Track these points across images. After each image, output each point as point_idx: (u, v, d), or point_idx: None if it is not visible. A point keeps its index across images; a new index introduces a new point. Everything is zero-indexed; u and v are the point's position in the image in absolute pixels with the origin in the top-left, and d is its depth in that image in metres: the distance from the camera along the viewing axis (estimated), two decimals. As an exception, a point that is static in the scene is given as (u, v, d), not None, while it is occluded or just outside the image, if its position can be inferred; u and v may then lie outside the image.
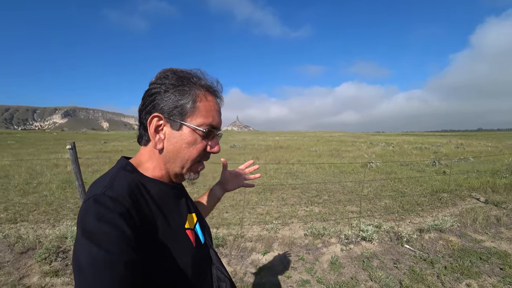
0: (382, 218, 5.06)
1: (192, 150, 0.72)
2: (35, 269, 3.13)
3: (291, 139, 35.04)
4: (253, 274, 3.20)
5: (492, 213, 5.14)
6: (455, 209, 5.53)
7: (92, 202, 0.59)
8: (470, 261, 3.43)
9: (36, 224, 4.54)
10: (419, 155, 15.51)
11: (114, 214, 0.57)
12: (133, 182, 0.68)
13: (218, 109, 0.77)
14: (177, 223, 0.76)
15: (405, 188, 7.33)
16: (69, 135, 43.78)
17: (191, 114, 0.71)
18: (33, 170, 9.53)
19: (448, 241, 3.97)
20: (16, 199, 5.98)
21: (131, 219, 0.60)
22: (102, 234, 0.54)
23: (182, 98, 0.70)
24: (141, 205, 0.66)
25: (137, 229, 0.60)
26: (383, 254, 3.67)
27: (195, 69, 0.76)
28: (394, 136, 53.05)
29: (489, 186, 7.09)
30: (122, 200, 0.61)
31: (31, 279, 2.95)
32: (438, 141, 28.27)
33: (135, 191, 0.67)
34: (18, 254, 3.45)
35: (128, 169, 0.72)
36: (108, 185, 0.64)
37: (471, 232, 4.36)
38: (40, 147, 19.91)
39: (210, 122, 0.73)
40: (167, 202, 0.75)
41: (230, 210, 5.46)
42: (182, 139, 0.71)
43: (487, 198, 6.18)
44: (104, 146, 21.27)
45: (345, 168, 10.49)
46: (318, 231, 4.14)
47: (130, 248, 0.56)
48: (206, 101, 0.73)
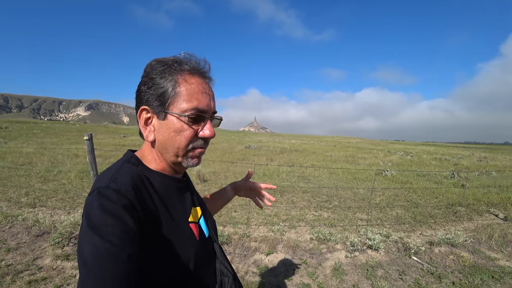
0: (392, 228, 4.95)
1: (180, 137, 0.71)
2: (48, 251, 3.29)
3: (308, 143, 34.75)
4: (254, 273, 3.22)
5: (510, 230, 4.92)
6: (471, 224, 5.33)
7: (96, 194, 0.60)
8: (481, 279, 3.31)
9: (53, 210, 4.76)
10: (438, 166, 15.01)
11: (118, 207, 0.58)
12: (136, 175, 0.69)
13: (205, 90, 0.72)
14: (180, 216, 0.76)
15: (419, 199, 7.13)
16: (90, 127, 45.31)
17: (173, 101, 0.69)
18: (54, 158, 9.95)
19: (459, 256, 3.84)
20: (37, 185, 6.27)
21: (134, 211, 0.61)
22: (106, 226, 0.55)
23: (162, 86, 0.69)
24: (144, 197, 0.66)
25: (141, 221, 0.61)
26: (388, 264, 3.60)
27: (181, 54, 0.74)
28: (413, 145, 51.56)
29: (510, 203, 6.79)
30: (126, 192, 0.62)
31: (44, 261, 3.10)
32: (460, 153, 27.25)
33: (139, 183, 0.67)
34: (34, 237, 3.64)
35: (132, 162, 0.73)
36: (112, 177, 0.65)
37: (485, 249, 4.20)
38: (63, 137, 20.72)
39: (196, 106, 0.69)
40: (170, 195, 0.75)
41: (238, 210, 5.50)
42: (169, 128, 0.70)
43: (506, 215, 5.92)
44: (122, 140, 21.88)
45: (359, 175, 10.32)
46: (324, 236, 4.11)
47: (133, 240, 0.57)
48: (187, 84, 0.70)
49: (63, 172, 7.63)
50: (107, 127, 53.25)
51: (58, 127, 34.18)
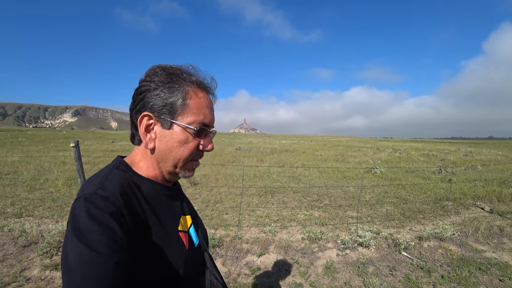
0: (382, 224, 5.02)
1: (184, 149, 0.71)
2: (36, 262, 3.22)
3: (298, 143, 34.94)
4: (247, 275, 3.22)
5: (495, 223, 5.06)
6: (458, 218, 5.46)
7: (83, 201, 0.58)
8: (469, 271, 3.39)
9: (40, 219, 4.65)
10: (426, 162, 15.32)
11: (105, 214, 0.57)
12: (125, 181, 0.68)
13: (210, 106, 0.75)
14: (170, 224, 0.75)
15: (408, 195, 7.26)
16: (78, 133, 44.47)
17: (182, 112, 0.69)
18: (41, 167, 9.74)
19: (447, 250, 3.93)
20: (23, 194, 6.12)
21: (122, 218, 0.59)
22: (92, 233, 0.53)
23: (171, 95, 0.69)
24: (133, 204, 0.65)
25: (128, 229, 0.60)
26: (379, 260, 3.65)
27: (186, 65, 0.74)
28: (402, 142, 52.46)
29: (495, 196, 6.99)
30: (113, 199, 0.60)
31: (32, 272, 3.04)
32: (447, 148, 27.85)
33: (128, 190, 0.66)
34: (21, 247, 3.55)
35: (121, 168, 0.71)
36: (100, 184, 0.63)
37: (472, 241, 4.31)
38: (49, 145, 20.28)
39: (202, 120, 0.71)
40: (160, 203, 0.74)
41: (230, 212, 5.49)
42: (173, 138, 0.70)
43: (492, 208, 6.09)
44: (111, 146, 21.55)
45: (349, 173, 10.44)
46: (315, 235, 4.15)
47: (120, 248, 0.55)
48: (197, 98, 0.71)
49: (50, 180, 7.47)
50: (95, 133, 52.34)
51: (44, 134, 33.43)
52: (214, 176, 9.21)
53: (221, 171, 10.06)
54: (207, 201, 6.26)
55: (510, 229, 4.75)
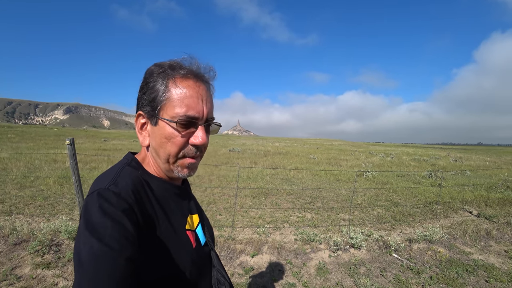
0: (374, 227, 5.10)
1: (171, 144, 0.68)
2: (27, 260, 3.19)
3: (291, 145, 35.08)
4: (240, 275, 3.25)
5: (482, 226, 5.18)
6: (447, 221, 5.58)
7: (96, 196, 0.59)
8: (456, 272, 3.48)
9: (31, 217, 4.60)
10: (417, 166, 15.55)
11: (117, 210, 0.57)
12: (137, 179, 0.68)
13: (198, 95, 0.69)
14: (178, 223, 0.75)
15: (399, 199, 7.39)
16: (69, 131, 43.86)
17: (163, 106, 0.67)
18: (31, 164, 9.59)
19: (436, 252, 4.02)
20: (13, 192, 6.03)
21: (133, 215, 0.60)
22: (105, 228, 0.54)
23: (153, 91, 0.68)
24: (144, 202, 0.66)
25: (139, 226, 0.61)
26: (370, 262, 3.72)
27: (182, 57, 0.71)
28: (393, 147, 53.08)
29: (483, 200, 7.15)
30: (126, 196, 0.61)
31: (23, 270, 3.00)
32: (437, 153, 28.31)
33: (139, 188, 0.67)
34: (11, 246, 3.51)
35: (133, 165, 0.72)
36: (112, 180, 0.64)
37: (460, 244, 4.41)
38: (40, 142, 19.97)
39: (185, 112, 0.66)
40: (169, 201, 0.75)
41: (223, 213, 5.51)
42: (160, 134, 0.68)
43: (479, 212, 6.23)
44: (103, 144, 21.33)
45: (341, 176, 10.55)
46: (308, 236, 4.20)
47: (131, 244, 0.56)
48: (178, 89, 0.67)
49: (41, 178, 7.37)
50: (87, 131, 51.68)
51: (34, 131, 32.88)
52: (208, 177, 9.21)
53: (215, 172, 10.06)
54: (200, 201, 6.26)
55: (497, 233, 4.88)
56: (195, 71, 0.71)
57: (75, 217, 4.65)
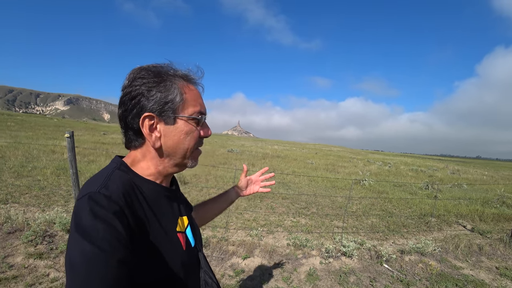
0: (367, 236, 5.12)
1: (190, 139, 0.76)
2: (20, 249, 3.20)
3: (290, 149, 35.12)
4: (230, 276, 3.26)
5: (475, 241, 5.20)
6: (440, 234, 5.60)
7: (87, 199, 0.59)
8: (446, 286, 3.49)
9: (26, 207, 4.61)
10: (414, 177, 15.58)
11: (108, 213, 0.58)
12: (127, 182, 0.69)
13: (200, 95, 0.81)
14: (169, 225, 0.76)
15: (394, 209, 7.41)
16: (69, 122, 43.79)
17: (182, 106, 0.73)
18: (29, 154, 9.60)
19: (427, 264, 4.04)
20: (10, 180, 6.04)
21: (124, 218, 0.60)
22: (96, 231, 0.54)
23: (169, 93, 0.72)
24: (135, 205, 0.66)
25: (130, 229, 0.61)
26: (361, 271, 3.73)
27: (164, 62, 0.77)
28: (392, 156, 53.17)
29: (478, 215, 7.18)
30: (117, 199, 0.62)
31: (15, 259, 3.01)
32: (435, 165, 28.36)
33: (130, 191, 0.67)
34: (5, 234, 3.52)
35: (122, 169, 0.73)
36: (103, 183, 0.64)
37: (452, 258, 4.43)
38: (39, 132, 19.97)
39: (199, 110, 0.77)
40: (159, 204, 0.75)
41: (218, 213, 5.52)
42: (179, 131, 0.74)
43: (473, 226, 6.26)
44: (102, 138, 21.33)
45: (338, 183, 10.57)
46: (300, 242, 4.21)
47: (123, 246, 0.56)
48: (190, 91, 0.76)
49: (38, 168, 7.39)
50: (86, 123, 51.62)
51: (34, 121, 32.85)
52: (205, 176, 9.23)
53: (212, 172, 10.08)
54: (196, 201, 6.27)
55: (489, 248, 4.90)
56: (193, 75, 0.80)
57: (70, 209, 4.66)
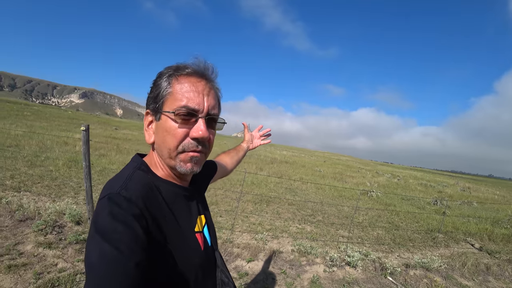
0: (372, 247, 5.07)
1: (171, 137, 0.69)
2: (30, 238, 3.28)
3: (298, 155, 35.00)
4: (234, 279, 3.27)
5: (483, 260, 5.09)
6: (447, 251, 5.50)
7: (107, 200, 0.60)
8: (451, 304, 3.43)
9: (38, 196, 4.72)
10: (423, 191, 15.32)
11: (128, 215, 0.58)
12: (147, 183, 0.69)
13: (198, 89, 0.71)
14: (187, 226, 0.76)
15: (401, 222, 7.30)
16: (82, 115, 44.65)
17: (165, 100, 0.70)
18: (43, 144, 9.82)
19: (432, 280, 3.97)
20: (23, 169, 6.20)
21: (143, 220, 0.61)
22: (115, 233, 0.55)
23: (157, 88, 0.71)
24: (153, 207, 0.66)
25: (149, 231, 0.61)
26: (364, 282, 3.70)
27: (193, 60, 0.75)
28: (401, 169, 52.41)
29: (487, 234, 7.01)
30: (136, 201, 0.62)
31: (26, 247, 3.09)
32: (445, 180, 27.80)
33: (149, 192, 0.68)
34: (17, 221, 3.62)
35: (143, 169, 0.73)
36: (123, 184, 0.65)
37: (458, 276, 4.34)
38: (53, 123, 20.41)
39: (185, 104, 0.68)
40: (178, 205, 0.75)
41: (224, 215, 5.55)
42: (162, 127, 0.70)
43: (482, 245, 6.12)
44: (114, 132, 21.66)
45: (345, 192, 10.48)
46: (305, 249, 4.20)
47: (141, 249, 0.56)
48: (179, 84, 0.70)
49: (51, 158, 7.56)
50: (99, 118, 52.55)
51: (49, 112, 33.61)
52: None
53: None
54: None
55: (497, 269, 4.78)
56: (199, 70, 0.74)
57: (80, 201, 4.76)
